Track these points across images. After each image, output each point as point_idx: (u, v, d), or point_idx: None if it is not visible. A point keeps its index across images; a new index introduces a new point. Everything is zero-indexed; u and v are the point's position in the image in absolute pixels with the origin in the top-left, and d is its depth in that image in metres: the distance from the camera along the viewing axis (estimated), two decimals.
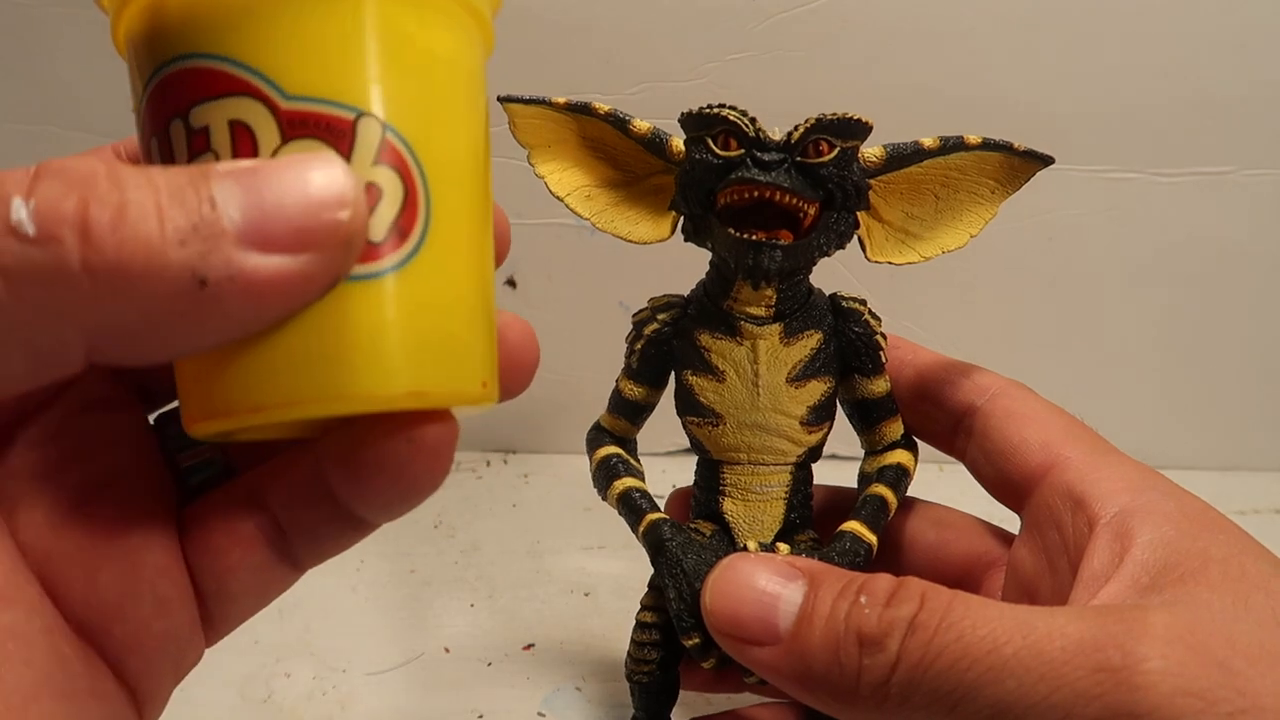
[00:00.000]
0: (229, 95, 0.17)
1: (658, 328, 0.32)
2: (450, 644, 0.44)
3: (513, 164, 0.46)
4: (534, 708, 0.40)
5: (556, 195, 0.31)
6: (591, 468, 0.33)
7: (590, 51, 0.50)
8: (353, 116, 0.17)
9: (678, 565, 0.29)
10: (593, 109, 0.30)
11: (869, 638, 0.23)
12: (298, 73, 0.17)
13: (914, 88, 0.49)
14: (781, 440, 0.31)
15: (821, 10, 0.49)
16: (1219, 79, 0.51)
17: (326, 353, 0.17)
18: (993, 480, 0.31)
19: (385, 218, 0.18)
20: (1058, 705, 0.20)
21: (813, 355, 0.31)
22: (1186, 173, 0.53)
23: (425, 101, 0.19)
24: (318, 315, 0.17)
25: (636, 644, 0.31)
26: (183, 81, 0.18)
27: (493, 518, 0.53)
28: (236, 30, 0.17)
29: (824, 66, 0.51)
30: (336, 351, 0.17)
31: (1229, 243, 0.54)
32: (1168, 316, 0.57)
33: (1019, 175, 0.30)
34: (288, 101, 0.17)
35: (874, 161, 0.30)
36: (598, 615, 0.46)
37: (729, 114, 0.28)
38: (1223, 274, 0.56)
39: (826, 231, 0.29)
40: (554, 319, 0.57)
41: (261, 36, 0.17)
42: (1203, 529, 0.24)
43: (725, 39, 0.50)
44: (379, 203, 0.18)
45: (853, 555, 0.29)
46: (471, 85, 0.20)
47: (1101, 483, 0.27)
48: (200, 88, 0.18)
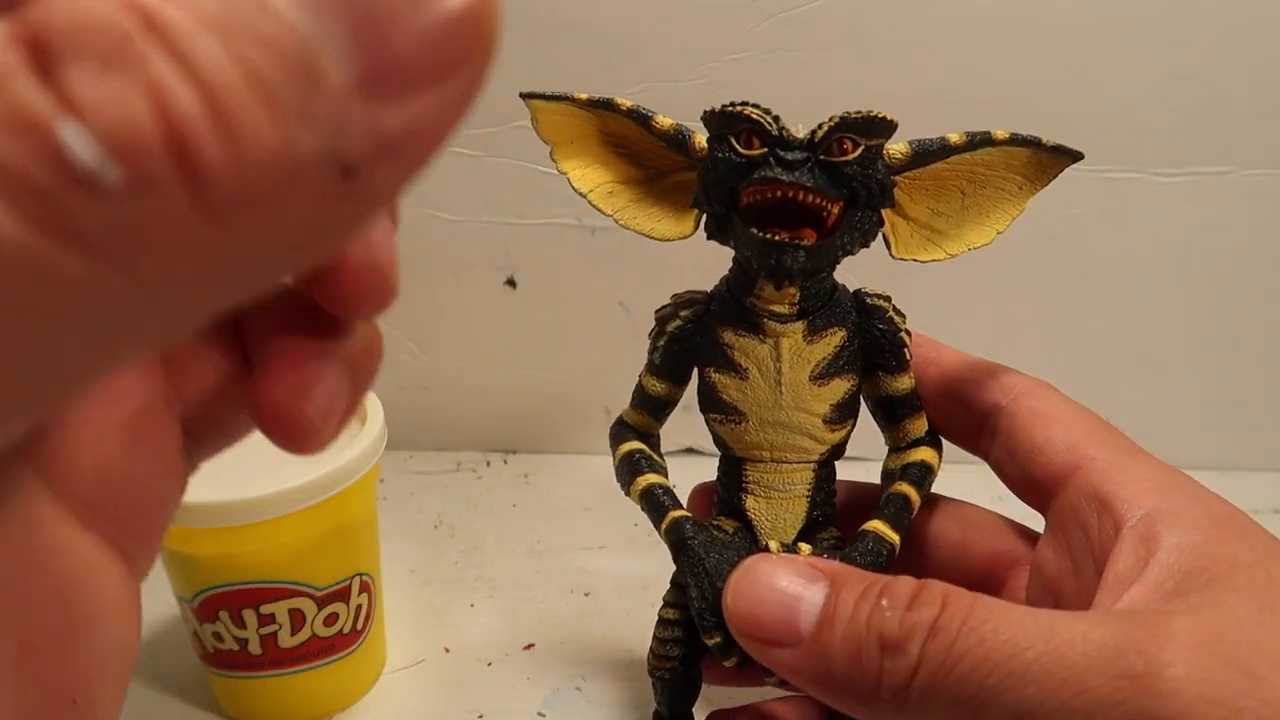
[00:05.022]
0: None
1: (680, 324, 0.32)
2: (450, 644, 0.44)
3: (514, 164, 0.47)
4: (534, 708, 0.40)
5: (579, 191, 0.31)
6: (615, 463, 0.33)
7: (590, 51, 0.50)
8: None
9: (700, 564, 0.29)
10: (615, 105, 0.30)
11: (890, 641, 0.23)
12: None
13: (914, 87, 0.49)
14: (804, 438, 0.31)
15: (822, 10, 0.49)
16: (1219, 79, 0.50)
17: None
18: (1017, 480, 0.31)
19: None
20: (1079, 711, 0.20)
21: (836, 353, 0.30)
22: (1186, 173, 0.52)
23: None
24: None
25: (659, 640, 0.32)
26: None
27: (493, 518, 0.53)
28: None
29: (824, 66, 0.50)
30: None
31: (1229, 243, 0.54)
32: (1167, 316, 0.56)
33: (1047, 171, 0.30)
34: None
35: (899, 158, 0.29)
36: (598, 615, 0.46)
37: (752, 112, 0.28)
38: (1223, 274, 0.55)
39: (850, 230, 0.29)
40: (554, 319, 0.57)
41: None
42: (1230, 534, 0.24)
43: (725, 39, 0.50)
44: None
45: (875, 555, 0.29)
46: None
47: (1128, 485, 0.27)
48: None
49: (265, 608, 0.36)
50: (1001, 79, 0.50)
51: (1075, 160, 0.29)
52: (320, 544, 0.36)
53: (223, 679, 0.39)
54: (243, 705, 0.40)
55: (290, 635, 0.37)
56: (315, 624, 0.38)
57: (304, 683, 0.39)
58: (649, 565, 0.47)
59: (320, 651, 0.38)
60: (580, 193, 0.31)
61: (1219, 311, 0.56)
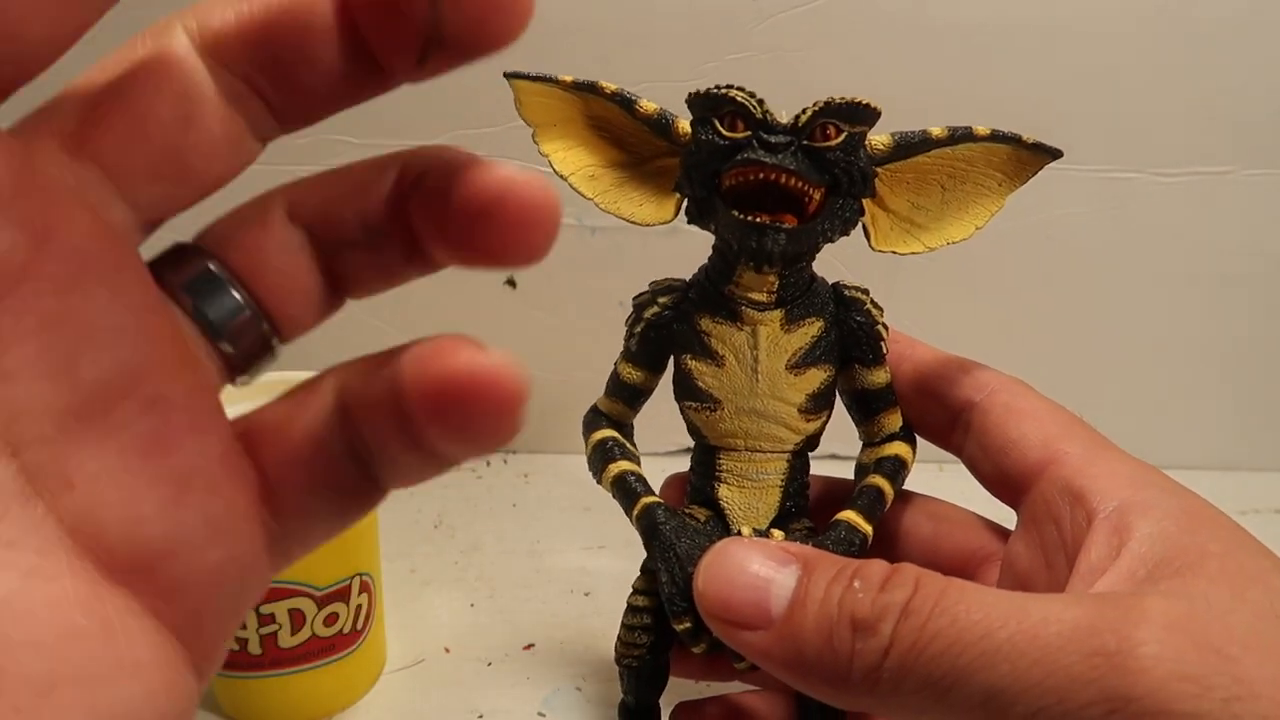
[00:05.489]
0: None
1: (658, 311, 0.31)
2: (450, 644, 0.43)
3: (514, 164, 0.46)
4: (534, 708, 0.39)
5: (560, 174, 0.31)
6: (587, 450, 0.33)
7: (590, 51, 0.50)
8: None
9: (671, 549, 0.29)
10: (600, 88, 0.30)
11: (862, 622, 0.22)
12: None
13: (913, 87, 0.49)
14: (779, 427, 0.31)
15: (821, 10, 0.49)
16: (1219, 79, 0.51)
17: None
18: (990, 476, 0.31)
19: None
20: (1052, 690, 0.20)
21: (813, 343, 0.30)
22: (1186, 173, 0.53)
23: None
24: None
25: (627, 628, 0.31)
26: None
27: (493, 518, 0.53)
28: None
29: (824, 66, 0.51)
30: None
31: (1229, 243, 0.55)
32: (1166, 316, 0.57)
33: (1027, 168, 0.30)
34: None
35: (881, 149, 0.30)
36: (598, 615, 0.45)
37: (737, 95, 0.28)
38: (1222, 274, 0.56)
39: (831, 217, 0.29)
40: (554, 319, 0.57)
41: None
42: (1201, 524, 0.24)
43: (725, 39, 0.50)
44: None
45: (848, 544, 0.29)
46: None
47: (1100, 478, 0.27)
48: None
49: (265, 607, 0.36)
50: (1001, 79, 0.51)
51: (1055, 158, 0.29)
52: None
53: (222, 679, 0.39)
54: (243, 705, 0.39)
55: (290, 635, 0.37)
56: (315, 624, 0.37)
57: (304, 683, 0.38)
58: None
59: (320, 651, 0.38)
60: (561, 175, 0.31)
61: (1219, 311, 0.57)
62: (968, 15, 0.50)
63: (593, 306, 0.56)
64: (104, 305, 0.17)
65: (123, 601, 0.16)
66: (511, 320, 0.56)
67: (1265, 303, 0.56)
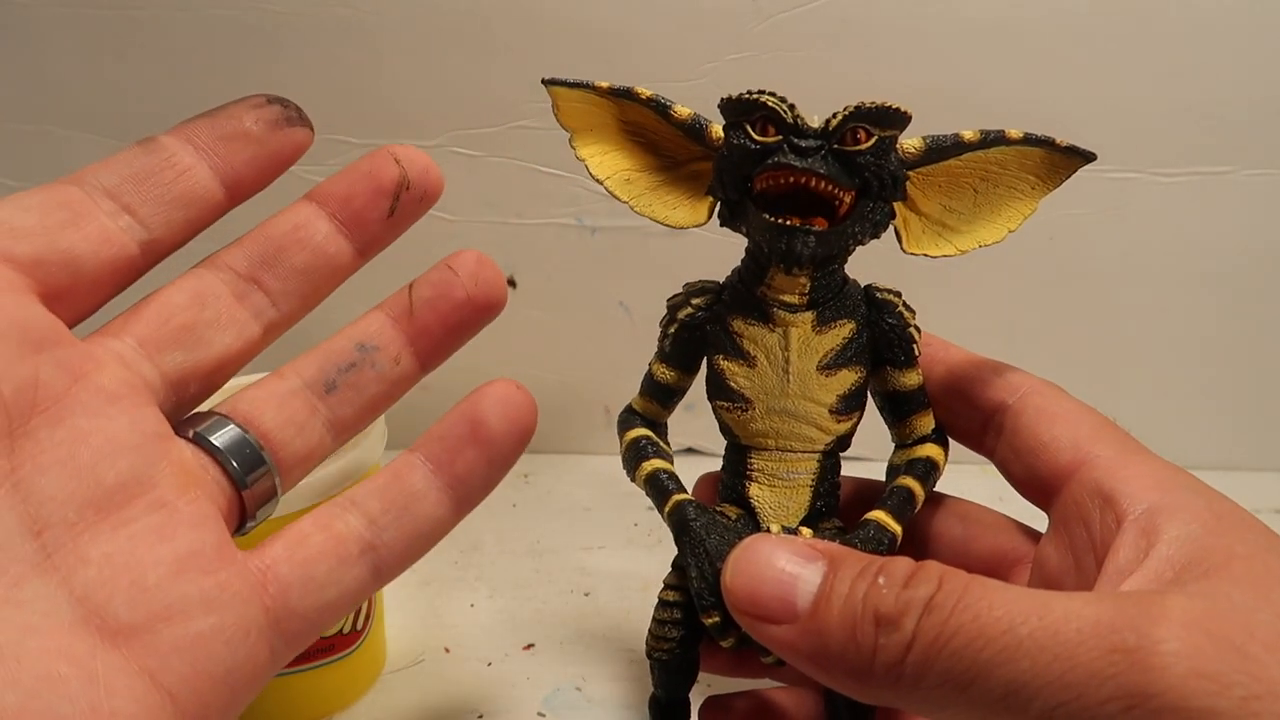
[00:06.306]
0: None
1: (691, 312, 0.32)
2: (450, 644, 0.44)
3: (514, 164, 0.47)
4: (534, 708, 0.39)
5: (597, 178, 0.32)
6: (621, 449, 0.33)
7: (590, 51, 0.51)
8: None
9: (701, 545, 0.29)
10: (635, 94, 0.31)
11: (885, 617, 0.23)
12: None
13: (914, 87, 0.49)
14: (810, 428, 0.31)
15: (821, 10, 0.49)
16: (1219, 79, 0.51)
17: None
18: (1021, 478, 0.31)
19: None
20: (1071, 685, 0.20)
21: (845, 344, 0.31)
22: (1186, 173, 0.52)
23: None
24: None
25: (658, 622, 0.32)
26: None
27: (493, 518, 0.53)
28: None
29: (824, 66, 0.51)
30: None
31: (1229, 243, 0.54)
32: (1167, 316, 0.56)
33: (1060, 171, 0.30)
34: None
35: (912, 153, 0.30)
36: (598, 615, 0.45)
37: (768, 100, 0.28)
38: (1223, 273, 0.55)
39: (862, 220, 0.29)
40: (554, 319, 0.57)
41: None
42: (1229, 527, 0.24)
43: (725, 39, 0.51)
44: None
45: (876, 543, 0.29)
46: None
47: (1131, 480, 0.27)
48: None
49: None
50: (1001, 78, 0.51)
51: (1088, 161, 0.30)
52: None
53: None
54: None
55: None
56: None
57: (304, 683, 0.38)
58: (649, 565, 0.47)
59: (320, 651, 0.38)
60: (598, 179, 0.32)
61: (1219, 311, 0.56)
62: (968, 15, 0.50)
63: (593, 306, 0.56)
64: (124, 428, 0.22)
65: (116, 661, 0.20)
66: (511, 320, 0.57)
67: (1265, 303, 0.56)
